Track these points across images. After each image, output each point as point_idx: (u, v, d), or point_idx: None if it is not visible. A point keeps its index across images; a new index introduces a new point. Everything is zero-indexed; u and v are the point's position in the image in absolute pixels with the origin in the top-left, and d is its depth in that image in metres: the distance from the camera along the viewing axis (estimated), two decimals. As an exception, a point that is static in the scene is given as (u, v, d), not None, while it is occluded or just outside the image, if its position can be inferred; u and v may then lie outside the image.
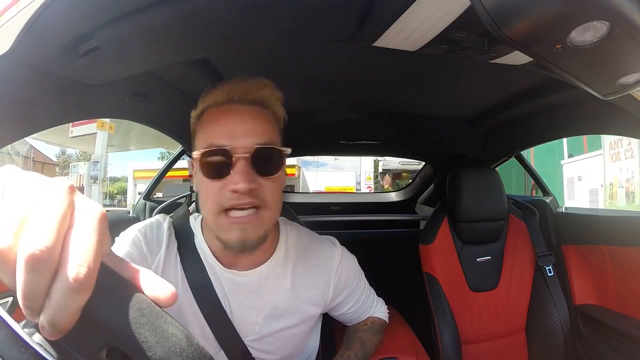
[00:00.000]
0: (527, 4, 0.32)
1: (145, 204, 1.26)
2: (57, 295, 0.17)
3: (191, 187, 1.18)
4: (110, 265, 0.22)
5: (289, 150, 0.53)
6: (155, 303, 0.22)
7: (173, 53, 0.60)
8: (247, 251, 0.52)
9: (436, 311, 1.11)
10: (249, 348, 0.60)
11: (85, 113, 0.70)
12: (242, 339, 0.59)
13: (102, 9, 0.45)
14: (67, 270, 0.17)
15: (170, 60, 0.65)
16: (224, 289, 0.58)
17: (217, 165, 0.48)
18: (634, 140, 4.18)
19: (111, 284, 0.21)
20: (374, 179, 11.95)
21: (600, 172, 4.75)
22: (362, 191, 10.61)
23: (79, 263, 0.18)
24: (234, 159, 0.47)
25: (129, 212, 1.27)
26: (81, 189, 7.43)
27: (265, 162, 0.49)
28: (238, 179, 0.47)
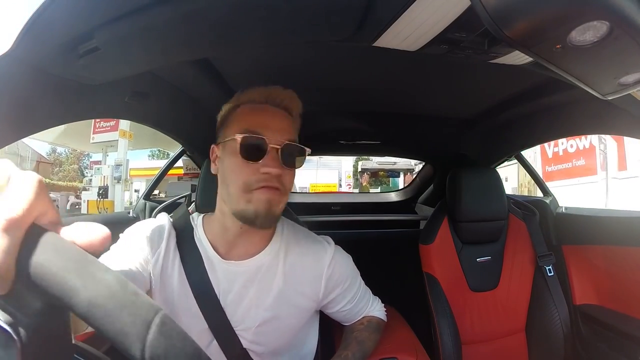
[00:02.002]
0: (527, 4, 0.32)
1: (145, 204, 1.26)
2: None
3: (192, 187, 1.19)
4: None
5: (309, 150, 0.61)
6: (89, 251, 0.23)
7: (173, 53, 0.60)
8: (270, 222, 0.58)
9: (436, 311, 1.11)
10: (240, 339, 0.61)
11: (85, 113, 0.70)
12: (234, 328, 0.61)
13: (102, 9, 0.45)
14: None
15: (170, 60, 0.65)
16: (220, 279, 0.61)
17: (255, 149, 0.55)
18: (533, 154, 6.19)
19: (42, 239, 0.21)
20: (354, 176, 13.34)
21: (516, 175, 6.36)
22: (343, 188, 12.17)
23: (9, 205, 0.20)
24: (268, 147, 0.55)
25: (129, 212, 1.27)
26: (106, 188, 8.80)
27: (290, 156, 0.57)
28: (272, 164, 0.55)
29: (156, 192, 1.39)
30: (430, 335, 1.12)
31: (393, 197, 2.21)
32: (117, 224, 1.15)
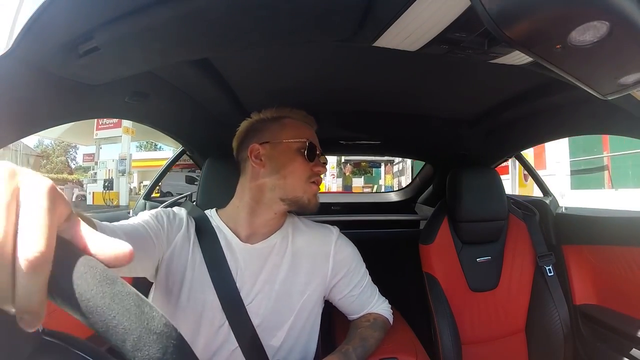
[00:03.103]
0: (527, 4, 0.32)
1: (145, 204, 1.26)
2: (20, 279, 0.18)
3: (186, 177, 1.19)
4: (69, 230, 0.22)
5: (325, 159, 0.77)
6: (110, 265, 0.22)
7: (173, 53, 0.60)
8: (313, 210, 0.71)
9: (436, 311, 1.11)
10: (250, 314, 0.65)
11: (85, 113, 0.70)
12: (246, 305, 0.66)
13: (102, 9, 0.45)
14: (22, 254, 0.18)
15: (170, 60, 0.65)
16: (238, 260, 0.68)
17: (313, 154, 0.71)
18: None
19: (69, 257, 0.20)
20: (337, 166, 14.47)
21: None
22: (327, 177, 13.50)
23: (32, 244, 0.18)
24: (317, 153, 0.73)
25: (129, 212, 1.27)
26: (111, 181, 9.77)
27: (324, 162, 0.75)
28: (323, 166, 0.73)
29: (146, 182, 1.40)
30: (430, 335, 1.12)
31: (393, 197, 2.21)
32: (117, 224, 1.15)
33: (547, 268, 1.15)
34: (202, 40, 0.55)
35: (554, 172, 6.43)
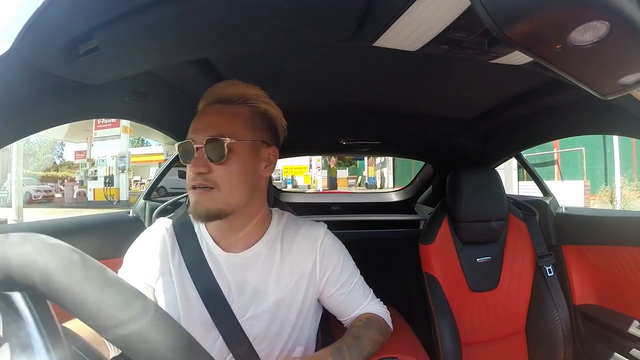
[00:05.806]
0: (527, 4, 0.32)
1: (145, 204, 1.26)
2: None
3: (179, 172, 1.19)
4: None
5: (243, 141, 0.60)
6: None
7: (173, 53, 0.60)
8: (203, 220, 0.60)
9: (436, 311, 1.11)
10: (245, 328, 0.62)
11: (85, 113, 0.70)
12: (239, 319, 0.62)
13: (102, 9, 0.45)
14: None
15: (170, 60, 0.65)
16: (223, 270, 0.64)
17: (185, 153, 0.60)
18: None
19: None
20: (322, 159, 15.44)
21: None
22: (313, 169, 14.39)
23: None
24: (194, 148, 0.58)
25: (128, 212, 1.27)
26: (111, 177, 10.49)
27: (214, 151, 0.57)
28: (195, 164, 0.57)
29: (138, 177, 1.40)
30: (430, 336, 1.12)
31: (393, 197, 2.21)
32: (117, 224, 1.15)
33: (547, 268, 1.15)
34: (202, 40, 0.55)
35: (502, 166, 7.40)
